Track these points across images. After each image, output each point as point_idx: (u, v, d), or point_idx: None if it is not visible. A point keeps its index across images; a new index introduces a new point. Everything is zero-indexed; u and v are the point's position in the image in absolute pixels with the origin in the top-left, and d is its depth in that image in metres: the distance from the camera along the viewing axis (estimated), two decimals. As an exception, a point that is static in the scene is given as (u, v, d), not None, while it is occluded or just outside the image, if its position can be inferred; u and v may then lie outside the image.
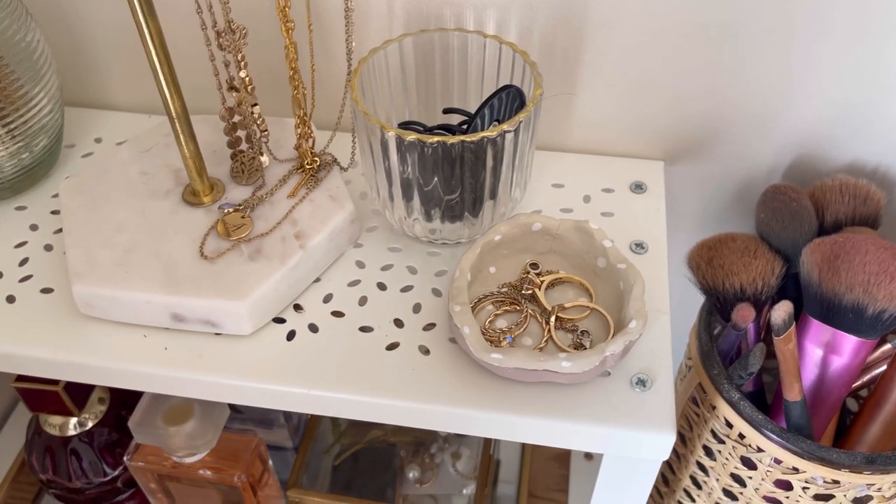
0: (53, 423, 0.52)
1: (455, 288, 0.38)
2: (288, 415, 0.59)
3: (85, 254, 0.39)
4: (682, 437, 0.51)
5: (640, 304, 0.37)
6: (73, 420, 0.52)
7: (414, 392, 0.37)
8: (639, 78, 0.45)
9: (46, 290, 0.41)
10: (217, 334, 0.39)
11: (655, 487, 0.57)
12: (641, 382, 0.37)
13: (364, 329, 0.40)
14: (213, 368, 0.38)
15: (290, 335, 0.39)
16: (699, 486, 0.50)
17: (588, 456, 0.62)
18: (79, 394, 0.50)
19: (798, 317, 0.44)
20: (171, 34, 0.37)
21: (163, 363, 0.38)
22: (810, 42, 0.42)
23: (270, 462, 0.53)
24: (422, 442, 0.57)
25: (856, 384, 0.49)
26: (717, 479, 0.48)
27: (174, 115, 0.38)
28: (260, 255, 0.39)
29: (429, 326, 0.40)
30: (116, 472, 0.54)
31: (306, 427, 0.55)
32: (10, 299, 0.41)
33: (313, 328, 0.40)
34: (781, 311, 0.38)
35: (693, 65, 0.45)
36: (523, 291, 0.40)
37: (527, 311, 0.39)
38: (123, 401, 0.54)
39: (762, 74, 0.44)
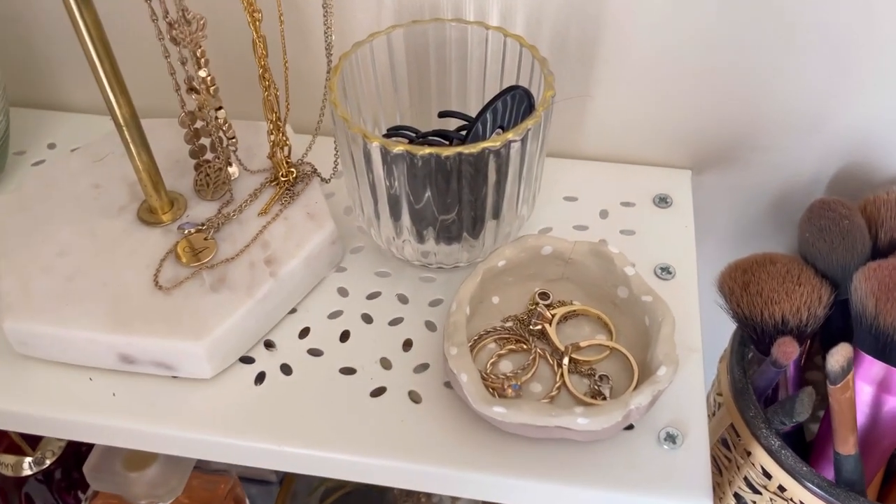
0: (5, 463, 0.46)
1: (451, 324, 0.32)
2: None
3: (20, 283, 0.34)
4: (709, 481, 0.45)
5: (669, 347, 0.31)
6: (28, 459, 0.47)
7: (402, 449, 0.31)
8: (663, 75, 0.40)
9: (-20, 323, 0.36)
10: (174, 377, 0.33)
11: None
12: (671, 438, 0.31)
13: (345, 371, 0.34)
14: (168, 418, 0.32)
15: (260, 378, 0.34)
16: (728, 536, 0.45)
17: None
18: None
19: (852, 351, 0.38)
20: (117, 26, 0.31)
21: (111, 411, 0.33)
22: (856, 38, 0.37)
23: (247, 502, 0.48)
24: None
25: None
26: (750, 531, 0.42)
27: (121, 121, 0.32)
28: (224, 284, 0.34)
29: (420, 368, 0.34)
30: (78, 514, 0.49)
31: (285, 479, 0.49)
32: (-63, 334, 0.35)
33: (286, 369, 0.34)
34: (840, 357, 0.32)
35: (725, 60, 0.39)
36: (531, 327, 0.34)
37: (535, 350, 0.33)
38: (86, 435, 0.49)
39: (803, 72, 0.39)
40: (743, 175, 0.43)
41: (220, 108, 0.35)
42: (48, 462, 0.47)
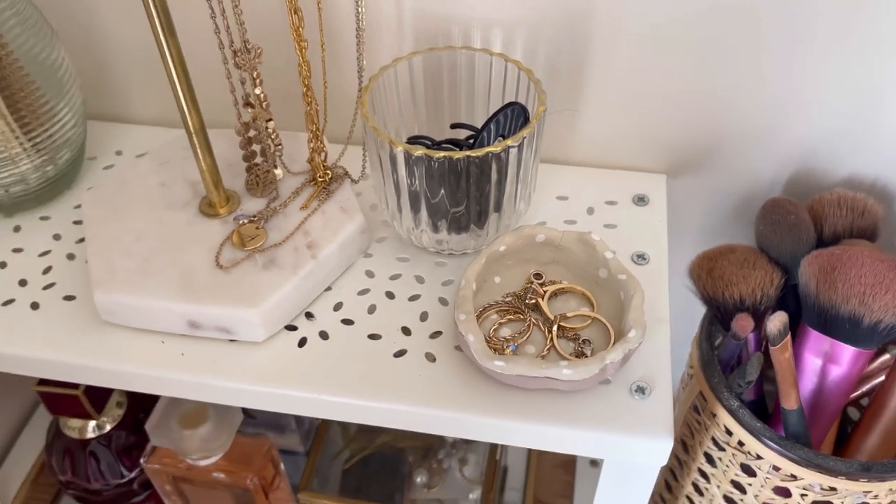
0: (73, 426, 0.54)
1: (460, 297, 0.39)
2: (299, 420, 0.60)
3: (106, 262, 0.41)
4: (684, 445, 0.52)
5: (639, 314, 0.38)
6: (92, 423, 0.54)
7: (420, 397, 0.38)
8: (641, 94, 0.47)
9: (69, 298, 0.43)
10: (232, 341, 0.41)
11: (658, 493, 0.58)
12: (641, 390, 0.38)
13: (373, 336, 0.41)
14: (228, 374, 0.39)
15: (302, 342, 0.41)
16: (700, 493, 0.51)
17: (594, 463, 0.63)
18: (98, 397, 0.52)
19: (797, 327, 0.45)
20: (189, 52, 0.39)
21: (179, 368, 0.40)
22: (809, 57, 0.44)
23: (282, 466, 0.54)
24: (430, 448, 0.58)
25: (855, 394, 0.50)
26: (718, 486, 0.49)
27: (192, 129, 0.40)
28: (273, 264, 0.41)
29: (435, 334, 0.41)
30: (133, 475, 0.56)
31: (317, 432, 0.56)
32: (35, 306, 0.43)
33: (324, 335, 0.41)
34: (777, 322, 0.39)
35: (694, 81, 0.46)
36: (527, 301, 0.41)
37: (530, 320, 0.40)
38: (141, 405, 0.56)
39: (762, 89, 0.46)
40: (711, 179, 0.50)
41: (270, 119, 0.42)
42: (108, 427, 0.54)
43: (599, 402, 0.38)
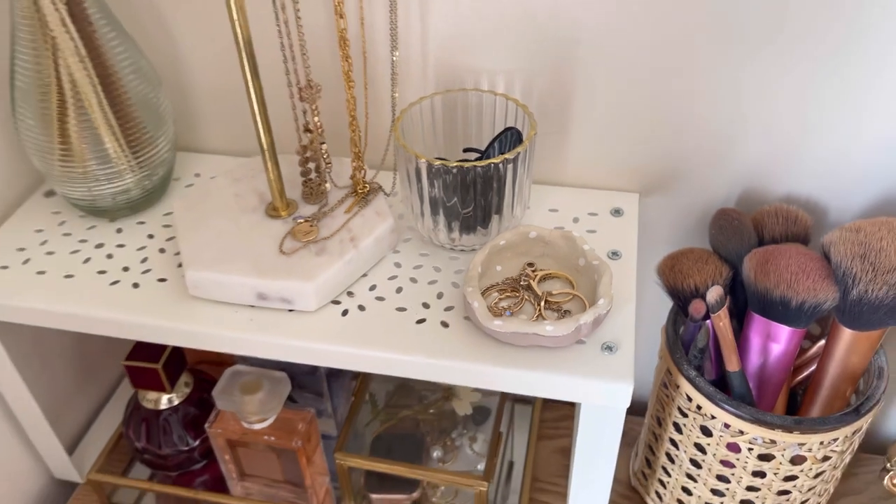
0: (150, 399, 0.65)
1: (468, 277, 0.50)
2: (335, 407, 0.71)
3: (194, 250, 0.53)
4: (658, 420, 0.61)
5: (607, 288, 0.49)
6: (166, 397, 0.65)
7: (436, 352, 0.49)
8: (617, 126, 0.59)
9: (162, 280, 0.55)
10: (290, 311, 0.52)
11: (641, 471, 0.67)
12: (609, 348, 0.49)
13: (399, 309, 0.52)
14: (287, 334, 0.51)
15: (344, 312, 0.52)
16: (672, 461, 0.61)
17: (587, 450, 0.72)
18: (171, 374, 0.63)
19: (745, 314, 0.55)
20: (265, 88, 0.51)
21: (249, 330, 0.51)
22: (752, 95, 0.55)
23: (321, 439, 0.65)
24: (444, 429, 0.68)
25: (799, 378, 0.59)
26: (685, 451, 0.58)
27: (264, 147, 0.52)
28: (324, 252, 0.52)
29: (448, 308, 0.52)
30: (195, 444, 0.66)
31: (351, 405, 0.66)
32: (135, 285, 0.54)
33: (361, 308, 0.52)
34: (713, 293, 0.50)
35: (660, 117, 0.58)
36: (521, 283, 0.52)
37: (523, 296, 0.51)
38: (202, 386, 0.67)
39: (714, 124, 0.57)
40: (676, 196, 0.61)
41: (324, 143, 0.55)
42: (177, 401, 0.65)
43: (576, 356, 0.48)
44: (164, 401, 0.65)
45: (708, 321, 0.55)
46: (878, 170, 0.56)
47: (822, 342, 0.57)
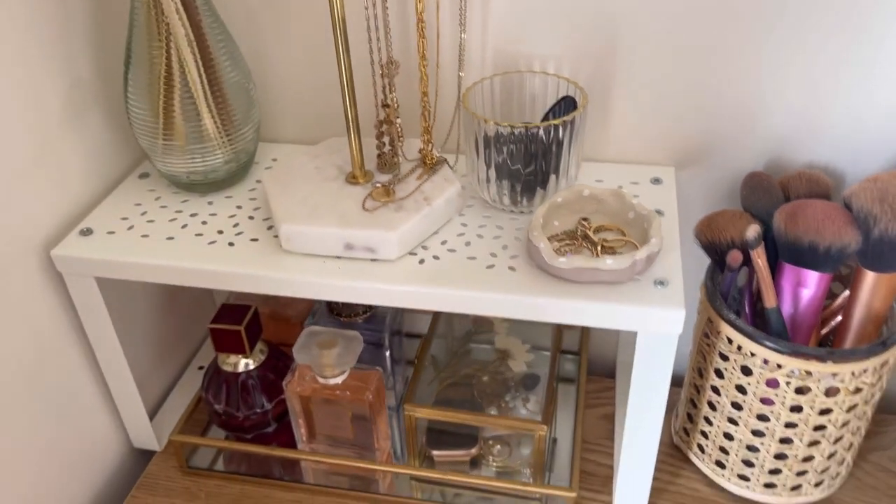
0: (230, 363, 0.70)
1: (533, 225, 0.57)
2: (396, 380, 0.76)
3: (286, 208, 0.60)
4: (699, 372, 0.67)
5: (657, 230, 0.55)
6: (244, 360, 0.70)
7: (506, 289, 0.55)
8: (654, 105, 0.66)
9: (254, 240, 0.61)
10: (373, 260, 0.58)
11: (682, 427, 0.72)
12: (661, 283, 0.55)
13: (470, 258, 0.58)
14: (371, 279, 0.57)
15: (421, 261, 0.58)
16: (714, 408, 0.66)
17: (629, 415, 0.77)
18: (251, 338, 0.69)
19: (776, 265, 0.62)
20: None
21: (337, 277, 0.57)
22: (776, 68, 0.62)
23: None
24: (498, 393, 0.73)
25: (826, 329, 0.65)
26: (727, 395, 0.64)
27: (350, 119, 0.59)
28: (402, 209, 0.59)
29: (514, 257, 0.58)
30: (269, 406, 0.71)
31: (415, 363, 0.72)
32: (231, 244, 0.61)
33: (436, 258, 0.59)
34: (752, 230, 0.56)
35: (692, 95, 0.65)
36: (578, 233, 0.59)
37: (581, 243, 0.58)
38: (276, 353, 0.72)
39: (742, 100, 0.65)
40: (708, 169, 0.68)
41: (398, 117, 0.62)
42: (253, 366, 0.71)
43: (633, 290, 0.54)
44: (242, 364, 0.70)
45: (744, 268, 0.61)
46: (892, 136, 0.63)
47: (847, 292, 0.63)
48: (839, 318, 0.64)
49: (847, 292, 0.63)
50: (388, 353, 0.74)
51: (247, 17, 0.68)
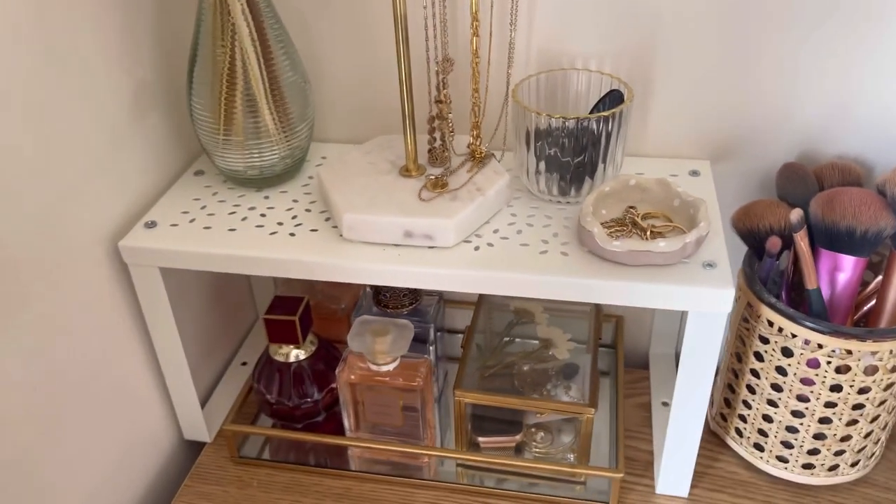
0: (282, 353, 0.72)
1: (584, 212, 0.59)
2: (438, 373, 0.78)
3: (346, 198, 0.62)
4: (738, 357, 0.69)
5: (704, 214, 0.58)
6: (296, 351, 0.72)
7: (560, 272, 0.58)
8: (691, 101, 0.69)
9: (314, 230, 0.64)
10: (431, 247, 0.61)
11: (720, 413, 0.74)
12: (710, 265, 0.58)
13: (522, 245, 0.61)
14: (430, 265, 0.59)
15: (476, 248, 0.61)
16: (753, 391, 0.68)
17: (664, 403, 0.79)
18: (303, 329, 0.71)
19: (814, 252, 0.64)
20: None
21: (397, 263, 0.60)
22: (808, 69, 0.66)
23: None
24: (539, 382, 0.76)
25: (861, 313, 0.68)
26: (766, 377, 0.66)
27: (407, 113, 0.62)
28: (456, 199, 0.62)
29: (564, 244, 0.61)
30: (319, 397, 0.73)
31: (462, 351, 0.74)
32: (292, 234, 0.63)
33: (490, 245, 0.61)
34: (795, 214, 0.59)
35: (727, 94, 0.68)
36: (626, 220, 0.61)
37: (630, 230, 0.60)
38: (325, 345, 0.75)
39: (775, 95, 0.68)
40: (742, 163, 0.71)
41: (450, 113, 0.65)
42: (304, 356, 0.73)
43: (683, 272, 0.57)
44: (294, 355, 0.72)
45: (785, 253, 0.64)
46: (917, 128, 0.67)
47: (880, 278, 0.66)
48: (872, 302, 0.67)
49: (880, 277, 0.66)
50: (432, 347, 0.76)
51: (301, 19, 0.71)
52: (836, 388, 0.63)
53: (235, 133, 0.66)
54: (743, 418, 0.71)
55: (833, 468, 0.68)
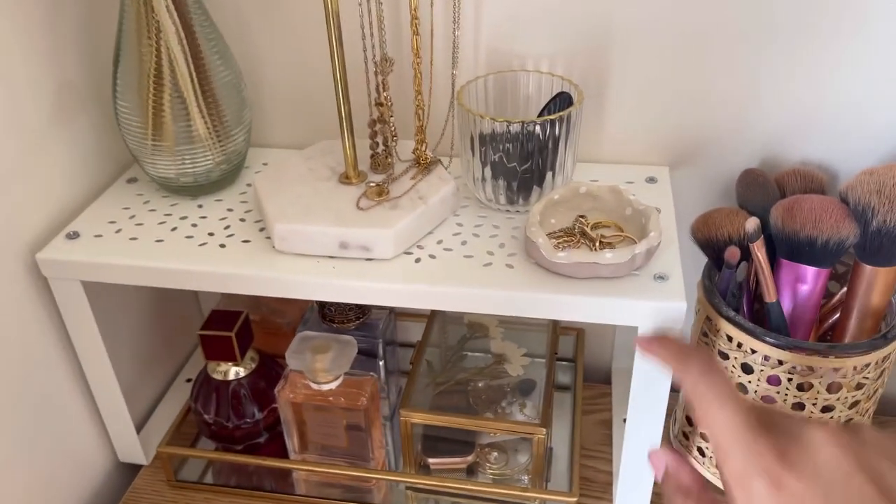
0: (220, 370, 0.68)
1: (530, 222, 0.56)
2: (389, 390, 0.75)
3: (279, 208, 0.58)
4: (698, 373, 0.66)
5: (656, 224, 0.55)
6: (234, 368, 0.69)
7: (504, 286, 0.54)
8: (647, 106, 0.66)
9: (246, 241, 0.60)
10: (368, 260, 0.57)
11: (682, 432, 0.71)
12: (661, 277, 0.54)
13: (466, 256, 0.57)
14: (367, 279, 0.56)
15: (417, 260, 0.57)
16: (715, 409, 0.65)
17: (626, 421, 0.76)
18: (241, 345, 0.67)
19: (774, 263, 0.61)
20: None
21: (332, 277, 0.56)
22: (770, 74, 0.63)
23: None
24: (494, 399, 0.72)
25: (825, 326, 0.65)
26: (727, 394, 0.63)
27: (343, 116, 0.59)
28: (397, 207, 0.58)
29: (511, 255, 0.58)
30: (261, 416, 0.69)
31: (411, 368, 0.70)
32: (222, 245, 0.60)
33: (432, 257, 0.58)
34: (751, 223, 0.56)
35: (685, 98, 0.65)
36: (575, 230, 0.58)
37: (578, 240, 0.57)
38: (267, 362, 0.71)
39: (735, 100, 0.65)
40: (702, 169, 0.68)
41: (392, 116, 0.61)
42: (243, 374, 0.69)
43: (632, 285, 0.54)
44: (233, 372, 0.69)
45: (743, 263, 0.61)
46: (883, 134, 0.64)
47: (844, 290, 0.63)
48: (837, 315, 0.64)
49: (844, 289, 0.63)
50: (381, 363, 0.72)
51: (236, 18, 0.68)
52: (798, 407, 0.60)
53: (165, 138, 0.62)
54: (704, 437, 0.67)
55: (798, 489, 0.65)
